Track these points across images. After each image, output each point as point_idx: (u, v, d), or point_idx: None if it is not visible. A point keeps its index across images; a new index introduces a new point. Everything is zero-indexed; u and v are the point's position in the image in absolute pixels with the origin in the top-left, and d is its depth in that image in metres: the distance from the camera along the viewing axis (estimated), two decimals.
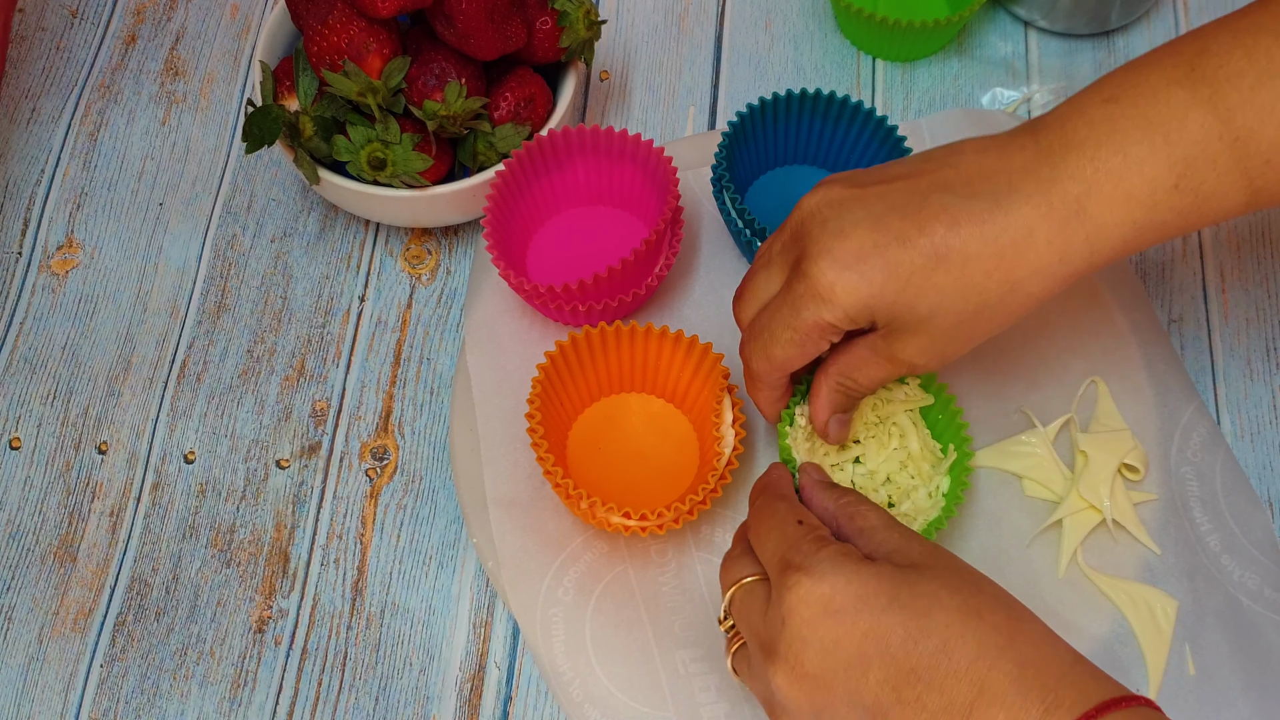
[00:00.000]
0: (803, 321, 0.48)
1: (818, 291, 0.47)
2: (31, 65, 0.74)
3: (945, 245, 0.46)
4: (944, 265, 0.46)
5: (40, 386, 0.64)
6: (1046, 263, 0.46)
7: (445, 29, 0.60)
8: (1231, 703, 0.54)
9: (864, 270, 0.47)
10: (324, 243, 0.68)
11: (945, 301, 0.47)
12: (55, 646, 0.58)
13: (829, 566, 0.43)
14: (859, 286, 0.47)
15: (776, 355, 0.50)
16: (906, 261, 0.46)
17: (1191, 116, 0.45)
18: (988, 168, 0.47)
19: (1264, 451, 0.61)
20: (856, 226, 0.47)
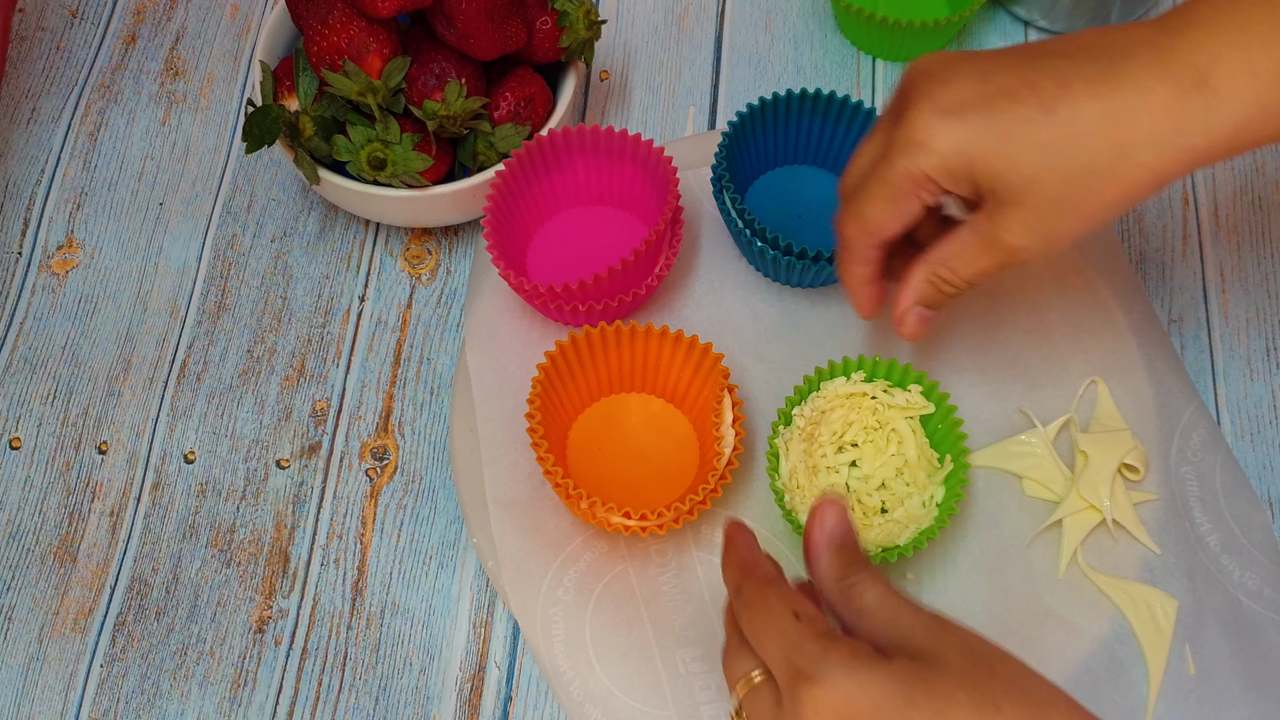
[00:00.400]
0: (896, 172, 0.47)
1: (913, 137, 0.46)
2: (31, 65, 0.74)
3: (1054, 99, 0.44)
4: (1051, 118, 0.44)
5: (40, 386, 0.64)
6: (1162, 129, 0.44)
7: (445, 29, 0.60)
8: (1231, 703, 0.54)
9: (966, 116, 0.45)
10: (324, 243, 0.68)
11: (1050, 160, 0.44)
12: (55, 646, 0.58)
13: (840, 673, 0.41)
14: (958, 132, 0.45)
15: (868, 213, 0.48)
16: (1011, 112, 0.44)
17: None
18: (1105, 39, 0.45)
19: (1264, 451, 0.61)
20: (963, 78, 0.46)
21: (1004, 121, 0.44)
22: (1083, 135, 0.44)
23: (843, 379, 0.58)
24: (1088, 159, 0.44)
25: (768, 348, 0.63)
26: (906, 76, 0.48)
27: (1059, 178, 0.44)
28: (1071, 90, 0.44)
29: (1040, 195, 0.45)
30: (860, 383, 0.58)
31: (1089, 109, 0.44)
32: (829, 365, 0.58)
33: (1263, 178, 0.68)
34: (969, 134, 0.45)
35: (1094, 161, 0.44)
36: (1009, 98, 0.44)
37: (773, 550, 0.58)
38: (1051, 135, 0.44)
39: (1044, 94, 0.44)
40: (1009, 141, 0.44)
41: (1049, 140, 0.44)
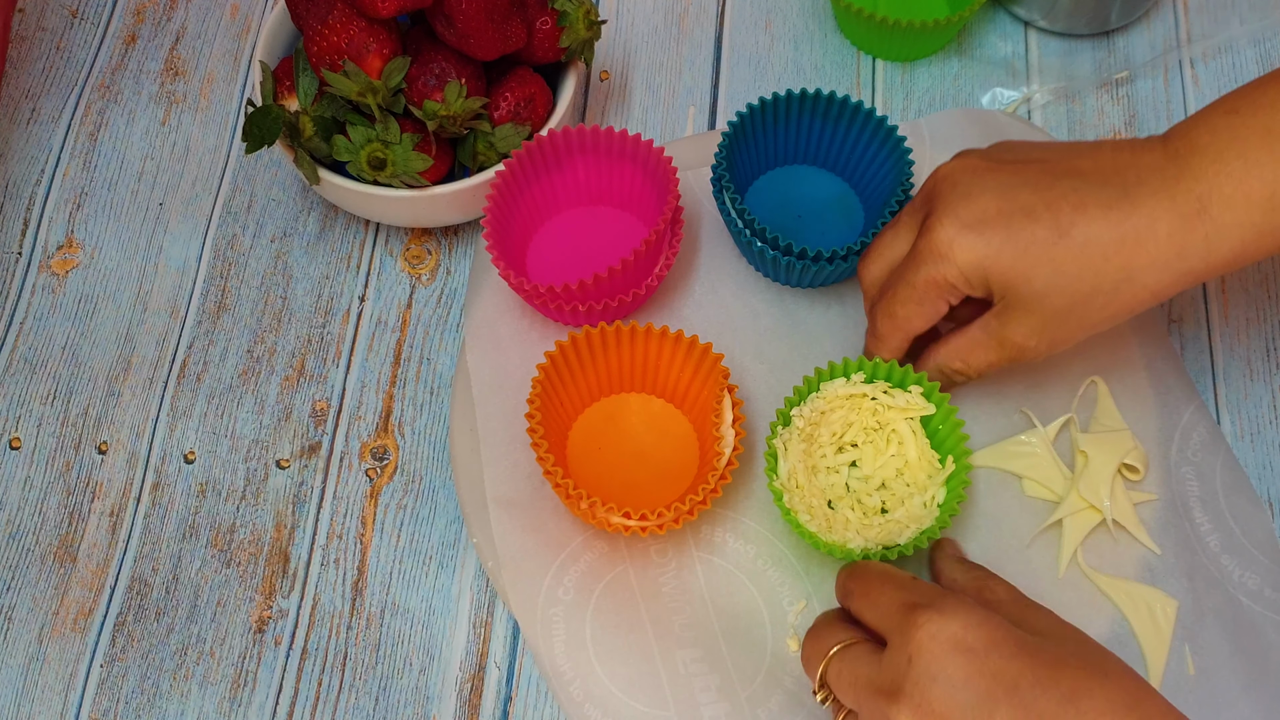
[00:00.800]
0: (921, 278, 0.51)
1: (936, 248, 0.50)
2: (31, 65, 0.74)
3: (1069, 223, 0.48)
4: (1065, 241, 0.48)
5: (40, 386, 0.64)
6: (1165, 256, 0.48)
7: (445, 29, 0.60)
8: (1231, 703, 0.54)
9: (984, 233, 0.49)
10: (324, 243, 0.68)
11: (1060, 279, 0.49)
12: (55, 646, 0.58)
13: (961, 606, 0.44)
14: (976, 246, 0.49)
15: (898, 312, 0.53)
16: (1028, 232, 0.48)
17: None
18: (1121, 163, 0.49)
19: (1264, 451, 0.61)
20: (985, 193, 0.50)
21: (1021, 240, 0.49)
22: (1093, 259, 0.48)
23: (843, 380, 0.58)
24: (1095, 280, 0.49)
25: (768, 348, 0.63)
26: (933, 181, 0.53)
27: (1067, 294, 0.49)
28: (1086, 214, 0.48)
29: (1049, 306, 0.50)
30: (860, 384, 0.58)
31: (1101, 235, 0.48)
32: (829, 366, 0.58)
33: None
34: (987, 249, 0.49)
35: (1101, 283, 0.49)
36: (1027, 216, 0.49)
37: (772, 550, 0.58)
38: (1064, 256, 0.48)
39: (1060, 216, 0.48)
40: (1024, 258, 0.49)
41: (1062, 261, 0.48)
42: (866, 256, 0.56)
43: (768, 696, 0.55)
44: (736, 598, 0.57)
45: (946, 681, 0.42)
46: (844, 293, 0.64)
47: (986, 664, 0.42)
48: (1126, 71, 0.72)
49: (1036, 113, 0.70)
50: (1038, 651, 0.42)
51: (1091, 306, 0.50)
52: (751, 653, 0.56)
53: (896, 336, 0.55)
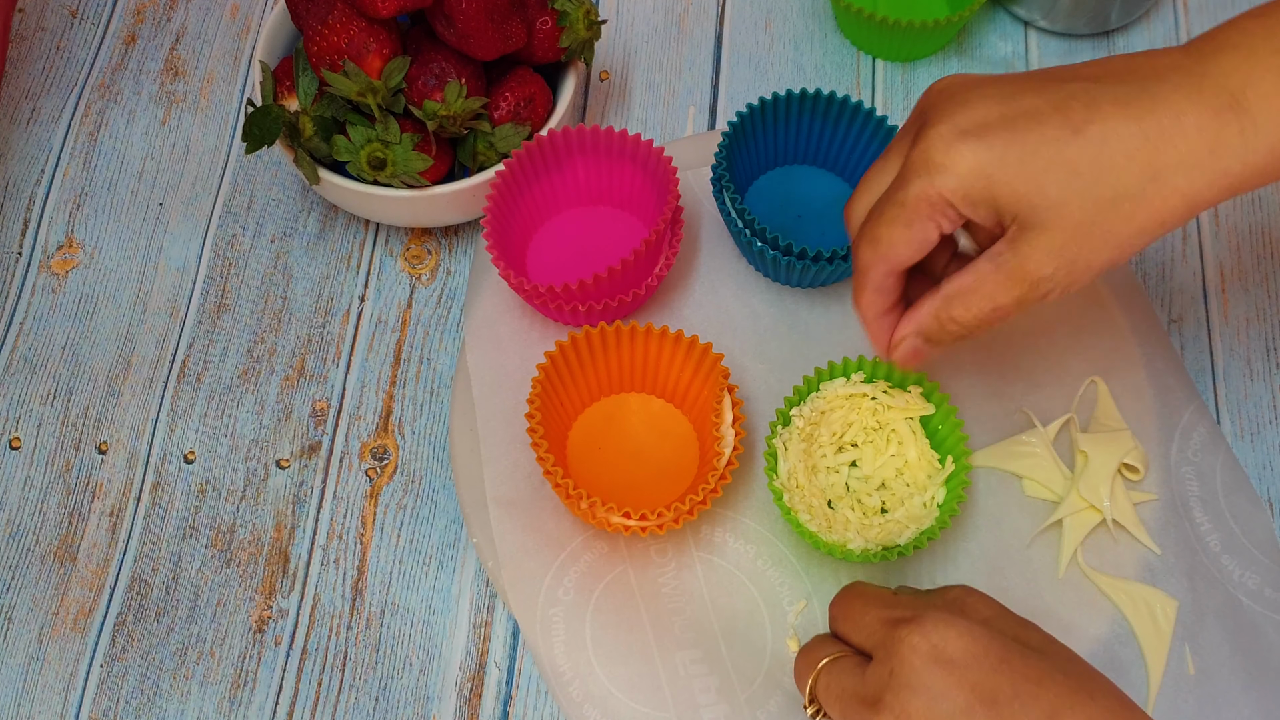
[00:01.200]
0: (912, 195, 0.44)
1: (931, 158, 0.43)
2: (31, 65, 0.74)
3: (1082, 120, 0.42)
4: (1079, 139, 0.42)
5: (40, 386, 0.64)
6: (1196, 152, 0.42)
7: (445, 29, 0.60)
8: (1231, 703, 0.54)
9: (987, 137, 0.42)
10: (324, 243, 0.68)
11: (1078, 183, 0.42)
12: (55, 646, 0.58)
13: (941, 619, 0.42)
14: (979, 152, 0.42)
15: (883, 238, 0.45)
16: (1036, 133, 0.42)
17: None
18: (1134, 64, 0.44)
19: (1264, 451, 0.61)
20: (985, 100, 0.43)
21: (1029, 142, 0.42)
22: (1113, 157, 0.42)
23: (842, 380, 0.58)
24: (1118, 182, 0.42)
25: (768, 348, 0.63)
26: (925, 97, 0.46)
27: (1088, 201, 0.42)
28: (1101, 112, 0.42)
29: (1067, 219, 0.42)
30: (860, 384, 0.58)
31: (1119, 130, 0.42)
32: (829, 366, 0.58)
33: None
34: (990, 155, 0.42)
35: (1125, 185, 0.42)
36: (1034, 119, 0.42)
37: (772, 550, 0.58)
38: (1080, 156, 0.42)
39: (1071, 115, 0.42)
40: (1034, 163, 0.42)
41: (1077, 161, 0.42)
42: (853, 196, 0.48)
43: (767, 698, 0.55)
44: (736, 598, 0.57)
45: (926, 693, 0.41)
46: (844, 293, 0.64)
47: (967, 676, 0.41)
48: None
49: None
50: (1022, 666, 0.41)
51: (1116, 215, 0.42)
52: (751, 654, 0.56)
53: (880, 267, 0.47)
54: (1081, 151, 0.42)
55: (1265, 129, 0.42)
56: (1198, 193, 0.42)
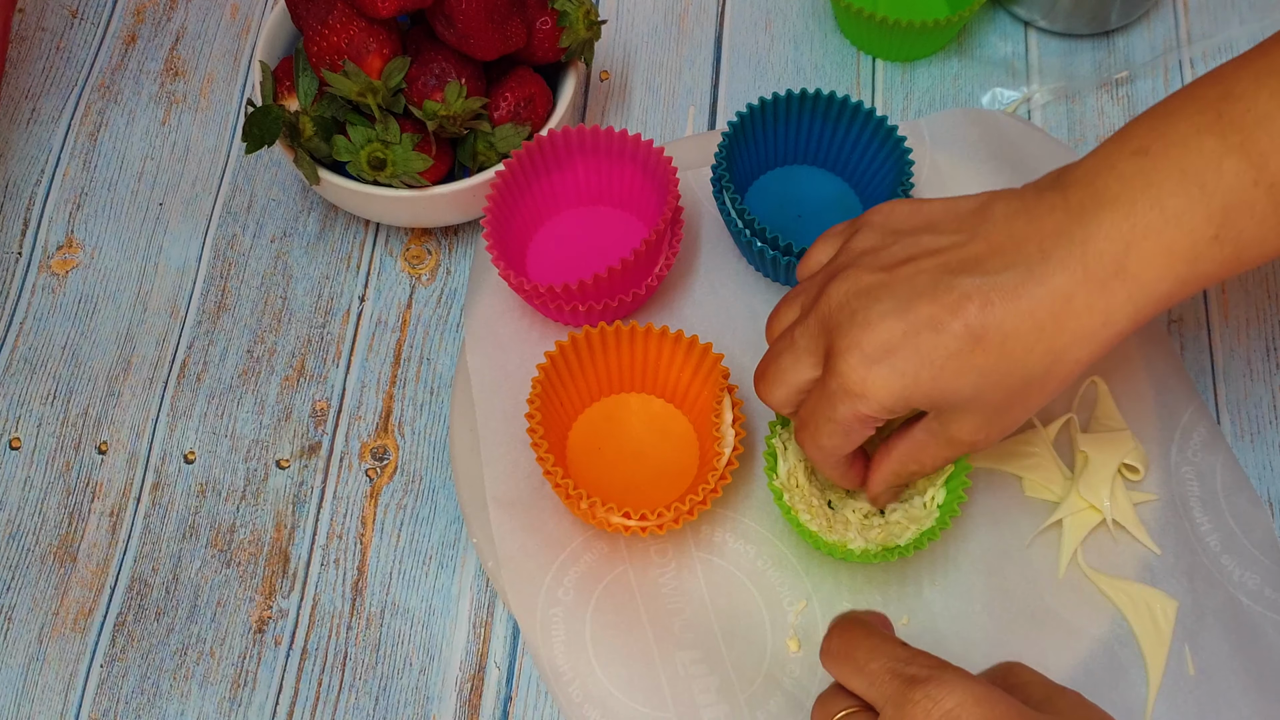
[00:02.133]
0: (841, 417, 0.48)
1: (849, 388, 0.46)
2: (31, 65, 0.74)
3: (980, 325, 0.44)
4: (981, 346, 0.44)
5: (40, 386, 0.64)
6: (1089, 328, 0.44)
7: (445, 29, 0.60)
8: (1231, 703, 0.54)
9: (895, 363, 0.45)
10: (324, 243, 0.68)
11: (988, 381, 0.45)
12: (55, 646, 0.58)
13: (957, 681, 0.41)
14: (891, 380, 0.45)
15: (825, 445, 0.50)
16: (940, 347, 0.45)
17: (1226, 165, 0.43)
18: (1017, 235, 0.45)
19: (1264, 451, 0.61)
20: (884, 318, 0.45)
21: (936, 359, 0.45)
22: (1015, 354, 0.44)
23: None
24: (1023, 372, 0.45)
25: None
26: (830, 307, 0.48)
27: (1000, 391, 0.46)
28: (995, 311, 0.44)
29: (984, 405, 0.46)
30: None
31: (1016, 329, 0.44)
32: None
33: None
34: (904, 380, 0.45)
35: (1030, 373, 0.45)
36: (934, 331, 0.45)
37: (772, 550, 0.58)
38: (985, 361, 0.45)
39: (968, 320, 0.44)
40: (943, 375, 0.45)
41: (983, 365, 0.45)
42: (765, 378, 0.51)
43: (767, 698, 0.55)
44: (736, 598, 0.57)
45: None
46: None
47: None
48: (1126, 71, 0.72)
49: (1036, 113, 0.70)
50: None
51: (1028, 395, 0.46)
52: (751, 654, 0.56)
53: (830, 463, 0.51)
54: (986, 357, 0.45)
55: (1150, 288, 0.44)
56: (1095, 355, 0.45)
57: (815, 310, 0.49)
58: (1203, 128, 0.44)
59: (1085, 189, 0.45)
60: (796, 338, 0.49)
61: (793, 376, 0.50)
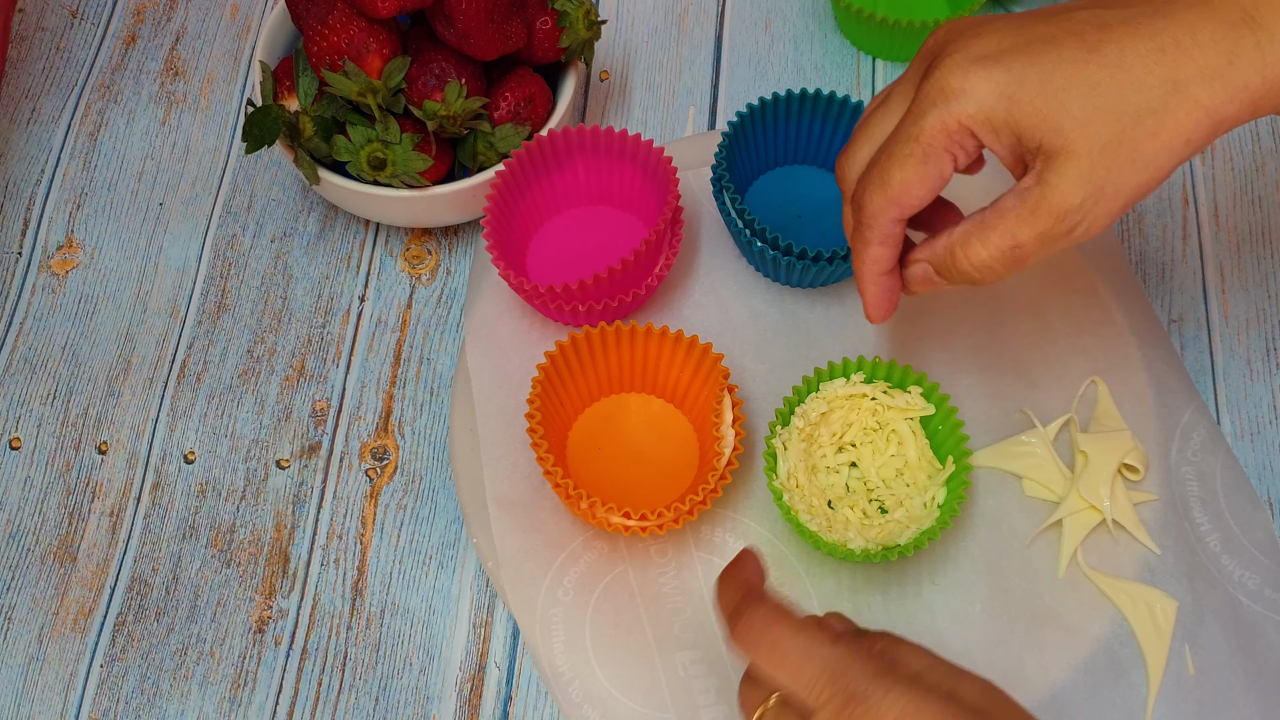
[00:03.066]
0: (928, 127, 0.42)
1: (948, 86, 0.42)
2: (31, 65, 0.74)
3: (1097, 40, 0.41)
4: (1097, 57, 0.41)
5: (40, 386, 0.64)
6: (1213, 63, 0.41)
7: (445, 29, 0.60)
8: (1231, 703, 0.54)
9: (1004, 61, 0.42)
10: (324, 243, 0.68)
11: (1100, 99, 0.41)
12: (55, 646, 0.58)
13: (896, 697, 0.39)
14: (998, 75, 0.41)
15: (895, 178, 0.43)
16: (1053, 54, 0.41)
17: None
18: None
19: (1264, 451, 0.61)
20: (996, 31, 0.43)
21: (1047, 63, 0.41)
22: (1131, 71, 0.41)
23: (842, 380, 0.58)
24: (1140, 96, 0.41)
25: (768, 348, 0.63)
26: (932, 38, 0.45)
27: (1112, 117, 0.41)
28: (1114, 33, 0.42)
29: (1093, 138, 0.41)
30: (860, 384, 0.58)
31: (1135, 47, 0.41)
32: (829, 366, 0.58)
33: (1263, 178, 0.68)
34: (1010, 76, 0.41)
35: (1147, 99, 0.41)
36: (1049, 43, 0.42)
37: (773, 551, 0.58)
38: (1099, 74, 0.41)
39: (1086, 38, 0.42)
40: (1054, 81, 0.41)
41: (1097, 78, 0.41)
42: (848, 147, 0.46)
43: None
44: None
45: None
46: (844, 293, 0.64)
47: None
48: None
49: None
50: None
51: (1142, 130, 0.41)
52: None
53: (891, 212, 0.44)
54: (1100, 69, 0.41)
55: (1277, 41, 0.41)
56: (1219, 105, 0.42)
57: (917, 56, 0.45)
58: None
59: None
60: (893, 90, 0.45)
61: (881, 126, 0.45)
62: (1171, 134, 0.42)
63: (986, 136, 0.43)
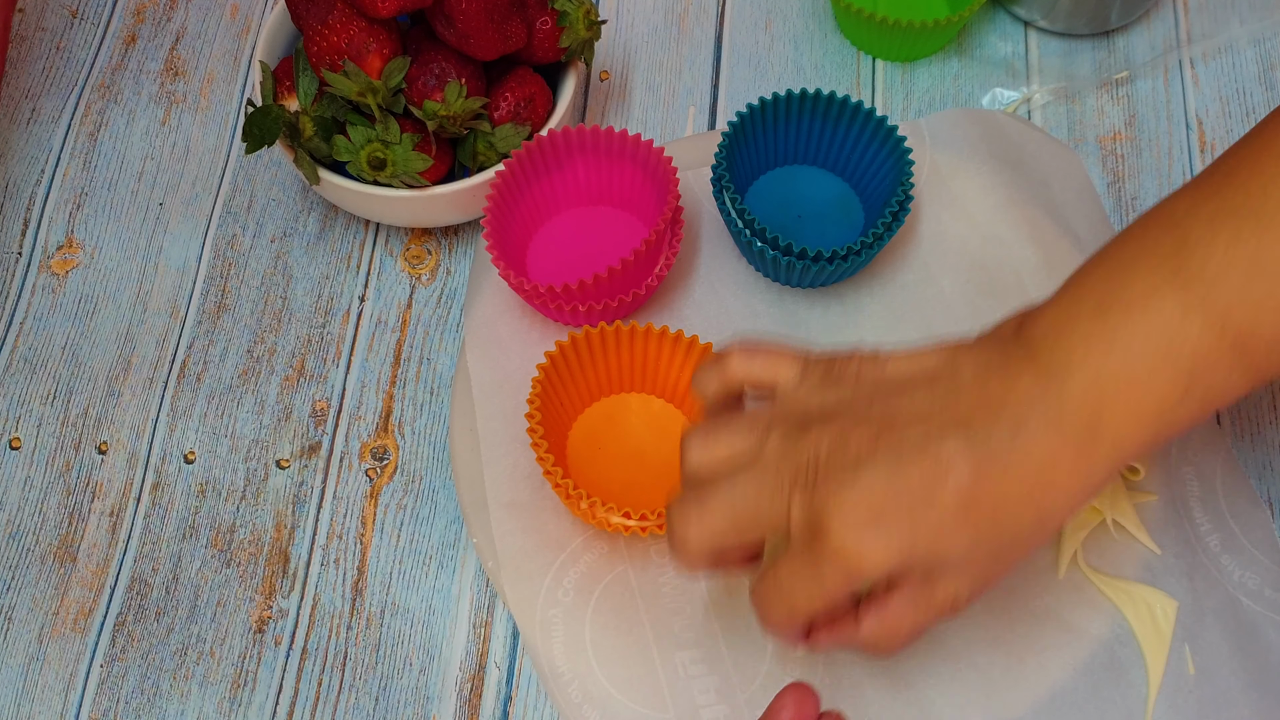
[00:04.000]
0: (828, 589, 0.46)
1: (846, 558, 0.44)
2: (31, 65, 0.74)
3: (971, 494, 0.44)
4: (975, 510, 0.44)
5: (40, 386, 0.64)
6: (1072, 489, 0.45)
7: (445, 29, 0.60)
8: (1231, 703, 0.54)
9: (887, 526, 0.44)
10: (324, 243, 0.68)
11: (980, 538, 0.45)
12: (55, 646, 0.58)
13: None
14: (887, 545, 0.44)
15: (800, 608, 0.47)
16: (934, 518, 0.44)
17: (1189, 327, 0.43)
18: (993, 397, 0.45)
19: (1264, 451, 0.61)
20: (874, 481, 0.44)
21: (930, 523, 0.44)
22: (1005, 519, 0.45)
23: None
24: (1014, 530, 0.45)
25: None
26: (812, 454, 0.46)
27: (989, 550, 0.45)
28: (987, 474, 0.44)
29: (974, 562, 0.46)
30: None
31: (1009, 492, 0.44)
32: None
33: None
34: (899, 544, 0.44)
35: (1020, 531, 0.45)
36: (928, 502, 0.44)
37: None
38: (979, 521, 0.44)
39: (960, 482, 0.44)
40: (939, 539, 0.44)
41: (976, 533, 0.45)
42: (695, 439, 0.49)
43: (767, 698, 0.54)
44: (737, 598, 0.57)
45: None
46: (844, 293, 0.64)
47: None
48: (1126, 71, 0.72)
49: (1036, 113, 0.70)
50: None
51: (1014, 551, 0.46)
52: (751, 654, 0.56)
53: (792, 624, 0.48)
54: (980, 518, 0.44)
55: (1125, 447, 0.44)
56: (1075, 509, 0.46)
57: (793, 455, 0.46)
58: (1160, 285, 0.44)
59: (1050, 352, 0.45)
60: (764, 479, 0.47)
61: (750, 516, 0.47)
62: (1040, 541, 0.47)
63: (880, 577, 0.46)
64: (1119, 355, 0.44)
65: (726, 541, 0.48)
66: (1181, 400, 0.44)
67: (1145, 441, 0.45)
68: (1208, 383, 0.44)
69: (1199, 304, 0.43)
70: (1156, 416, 0.44)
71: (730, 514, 0.47)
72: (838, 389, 0.48)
